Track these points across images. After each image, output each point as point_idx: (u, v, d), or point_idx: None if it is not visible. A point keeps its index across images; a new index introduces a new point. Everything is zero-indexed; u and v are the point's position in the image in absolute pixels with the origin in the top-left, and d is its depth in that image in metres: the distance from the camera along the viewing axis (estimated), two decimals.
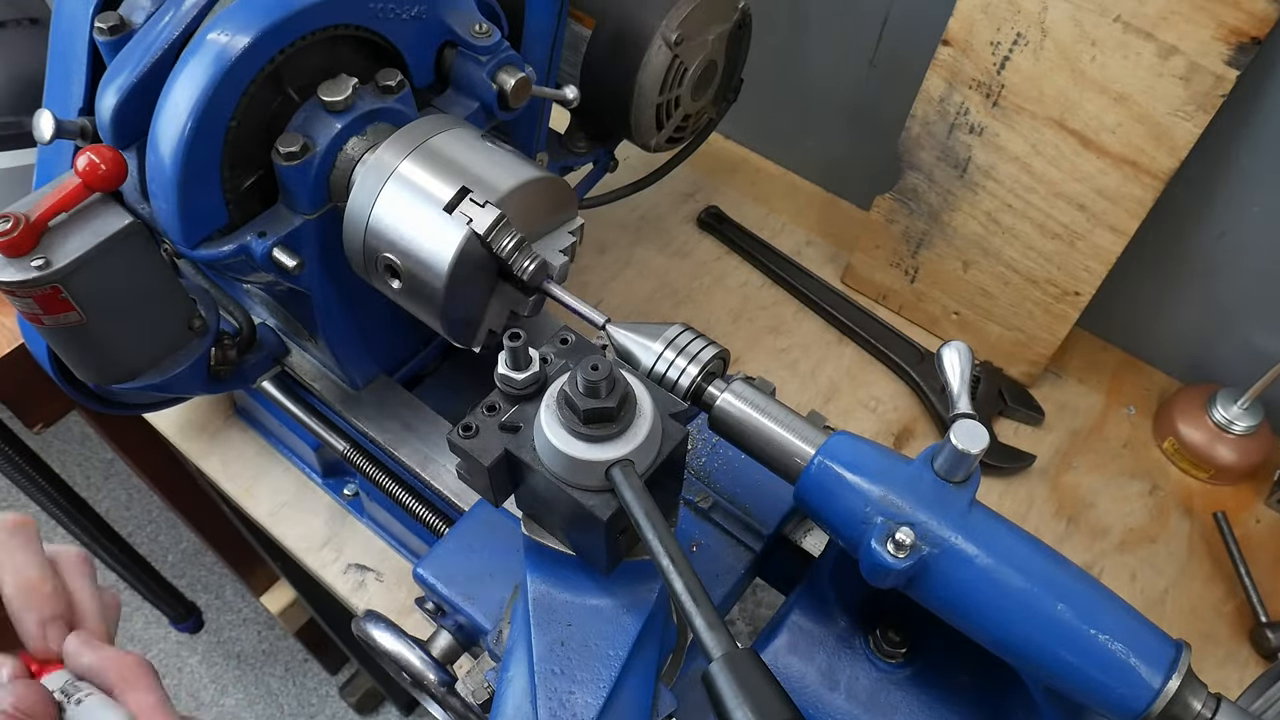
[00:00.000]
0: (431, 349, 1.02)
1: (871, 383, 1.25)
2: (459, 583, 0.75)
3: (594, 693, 0.60)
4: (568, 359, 0.61)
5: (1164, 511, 1.15)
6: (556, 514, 0.61)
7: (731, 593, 0.78)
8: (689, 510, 0.80)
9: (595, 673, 0.60)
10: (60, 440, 2.73)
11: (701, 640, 0.49)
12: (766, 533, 0.78)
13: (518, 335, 0.58)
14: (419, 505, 0.94)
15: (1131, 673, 0.56)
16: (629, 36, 0.97)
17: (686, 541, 0.78)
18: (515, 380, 0.59)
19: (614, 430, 0.55)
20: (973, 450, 0.58)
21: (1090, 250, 1.10)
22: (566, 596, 0.63)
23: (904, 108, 1.15)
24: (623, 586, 0.64)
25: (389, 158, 0.71)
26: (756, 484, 0.80)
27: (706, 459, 0.82)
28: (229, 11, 0.68)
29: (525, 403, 0.60)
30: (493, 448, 0.58)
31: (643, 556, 0.63)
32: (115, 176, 0.70)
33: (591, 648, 0.61)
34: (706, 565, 0.77)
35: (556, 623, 0.62)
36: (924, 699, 0.73)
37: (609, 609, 0.63)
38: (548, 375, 0.60)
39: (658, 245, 1.37)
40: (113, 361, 0.78)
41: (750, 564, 0.78)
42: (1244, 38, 0.91)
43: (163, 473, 1.58)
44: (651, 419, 0.56)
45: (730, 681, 0.47)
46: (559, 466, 0.56)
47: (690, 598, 0.50)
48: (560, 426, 0.56)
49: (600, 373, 0.53)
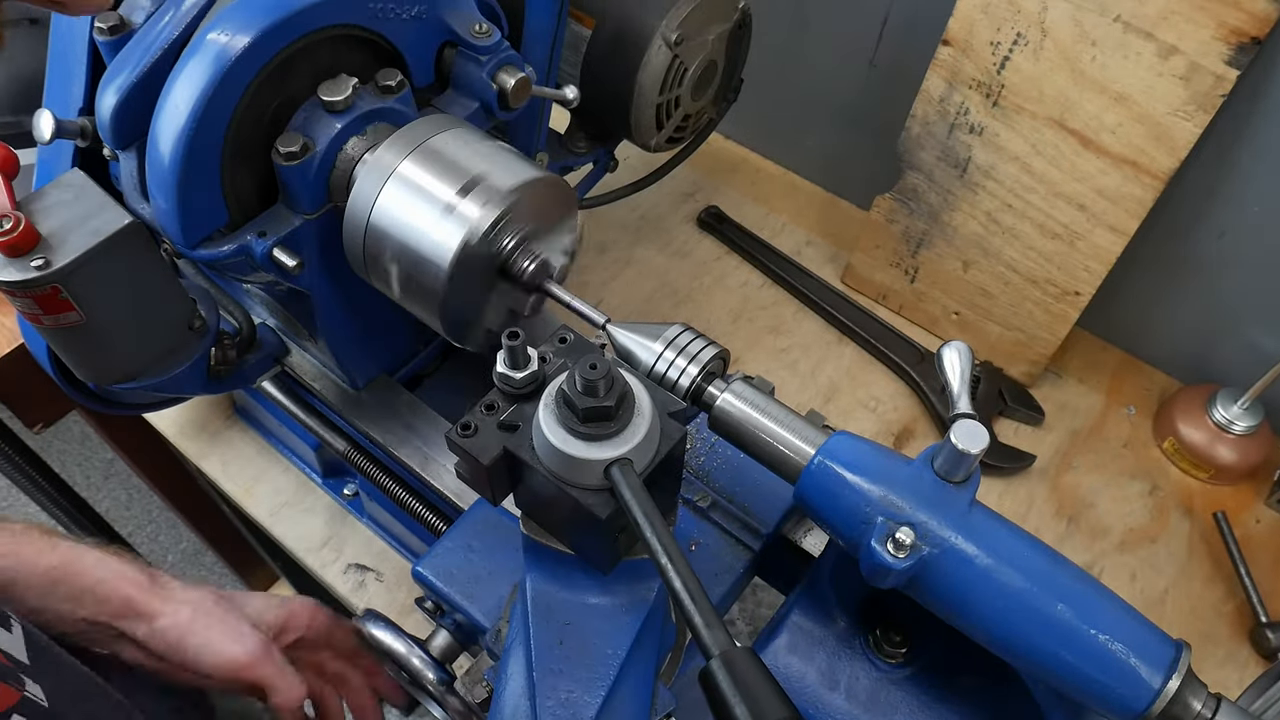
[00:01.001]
0: (431, 349, 1.02)
1: (871, 383, 1.25)
2: (458, 581, 0.75)
3: (592, 691, 0.59)
4: (566, 358, 0.61)
5: (1164, 511, 1.15)
6: (555, 513, 0.61)
7: (730, 592, 0.78)
8: (688, 509, 0.80)
9: (594, 671, 0.60)
10: (60, 440, 2.73)
11: (700, 638, 0.49)
12: (765, 532, 0.78)
13: (516, 334, 0.58)
14: (419, 505, 0.94)
15: (1132, 673, 0.56)
16: (629, 36, 0.97)
17: (685, 540, 0.78)
18: (514, 379, 0.59)
19: (612, 429, 0.55)
20: (973, 450, 0.58)
21: (1090, 250, 1.10)
22: (565, 595, 0.63)
23: (904, 108, 1.15)
24: (621, 585, 0.64)
25: (389, 158, 0.71)
26: (755, 483, 0.80)
27: (705, 458, 0.82)
28: (228, 11, 0.68)
29: (524, 402, 0.60)
30: (491, 446, 0.58)
31: (641, 555, 0.63)
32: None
33: (590, 646, 0.61)
34: (705, 564, 0.77)
35: (555, 621, 0.62)
36: (924, 699, 0.73)
37: (608, 608, 0.63)
38: (546, 374, 0.60)
39: (658, 245, 1.37)
40: (113, 361, 0.78)
41: (749, 563, 0.78)
42: (1244, 38, 0.91)
43: (163, 473, 1.58)
44: (650, 418, 0.56)
45: (728, 680, 0.46)
46: (557, 465, 0.56)
47: (689, 596, 0.50)
48: (559, 425, 0.56)
49: (598, 372, 0.53)
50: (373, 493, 1.01)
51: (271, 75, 0.69)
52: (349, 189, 0.73)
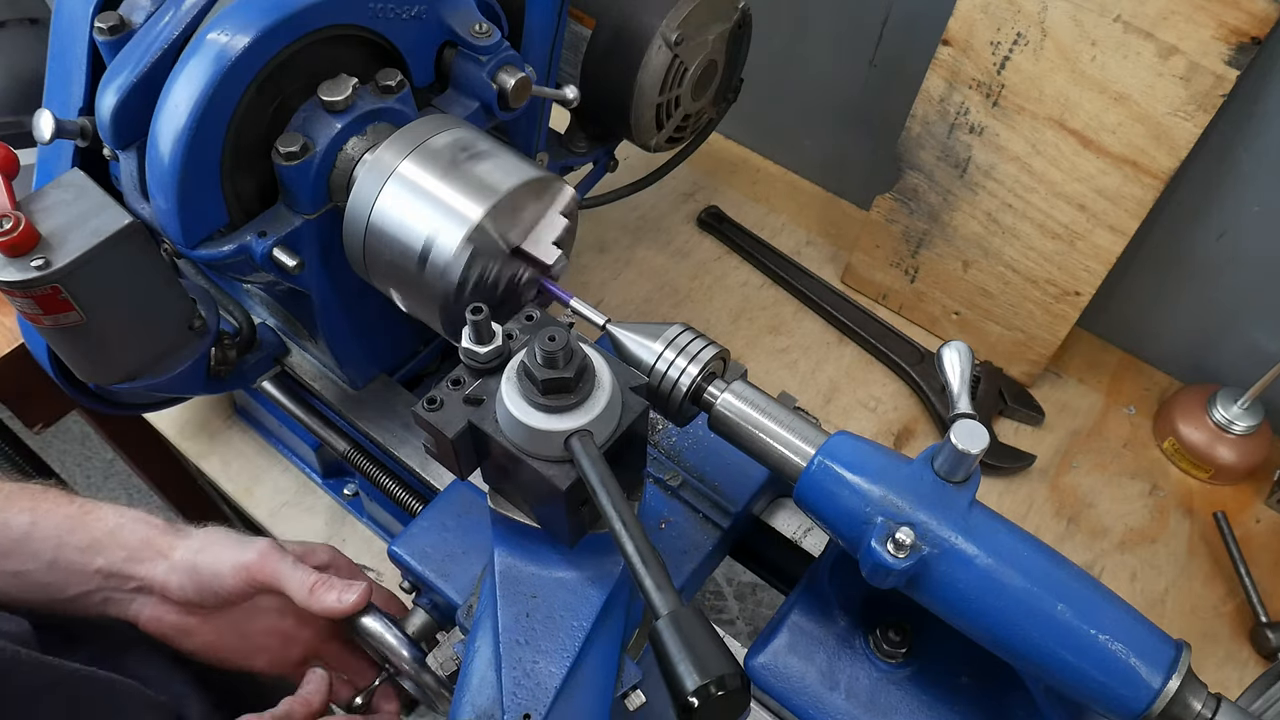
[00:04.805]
0: (431, 349, 1.02)
1: (871, 383, 1.25)
2: (433, 560, 0.76)
3: (558, 662, 0.61)
4: (531, 334, 0.62)
5: (1164, 511, 1.15)
6: (519, 486, 0.62)
7: (700, 568, 0.79)
8: (658, 488, 0.80)
9: (559, 643, 0.62)
10: (60, 440, 2.73)
11: (649, 599, 0.50)
12: (735, 510, 0.79)
13: (480, 309, 0.58)
14: (419, 505, 0.94)
15: (1132, 673, 0.56)
16: (629, 36, 0.97)
17: (655, 518, 0.79)
18: (478, 354, 0.60)
19: (572, 401, 0.56)
20: (973, 450, 0.58)
21: (1090, 250, 1.10)
22: (532, 569, 0.64)
23: (904, 108, 1.15)
24: (588, 559, 0.65)
25: (389, 158, 0.71)
26: (725, 463, 0.81)
27: (677, 438, 0.83)
28: (229, 11, 0.68)
29: (489, 376, 0.61)
30: (456, 420, 0.59)
31: (607, 530, 0.64)
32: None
33: (556, 619, 0.63)
34: (675, 542, 0.78)
35: (522, 595, 0.63)
36: (924, 699, 0.73)
37: (574, 581, 0.64)
38: (511, 350, 0.61)
39: (658, 245, 1.37)
40: (113, 361, 0.78)
41: (719, 541, 0.79)
42: (1244, 38, 0.91)
43: (163, 473, 1.58)
44: (610, 390, 0.57)
45: (674, 637, 0.47)
46: (519, 437, 0.57)
47: (640, 559, 0.51)
48: (520, 398, 0.57)
49: (557, 344, 0.54)
50: (373, 493, 1.01)
51: (271, 75, 0.69)
52: (349, 189, 0.73)
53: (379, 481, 0.96)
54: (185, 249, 0.72)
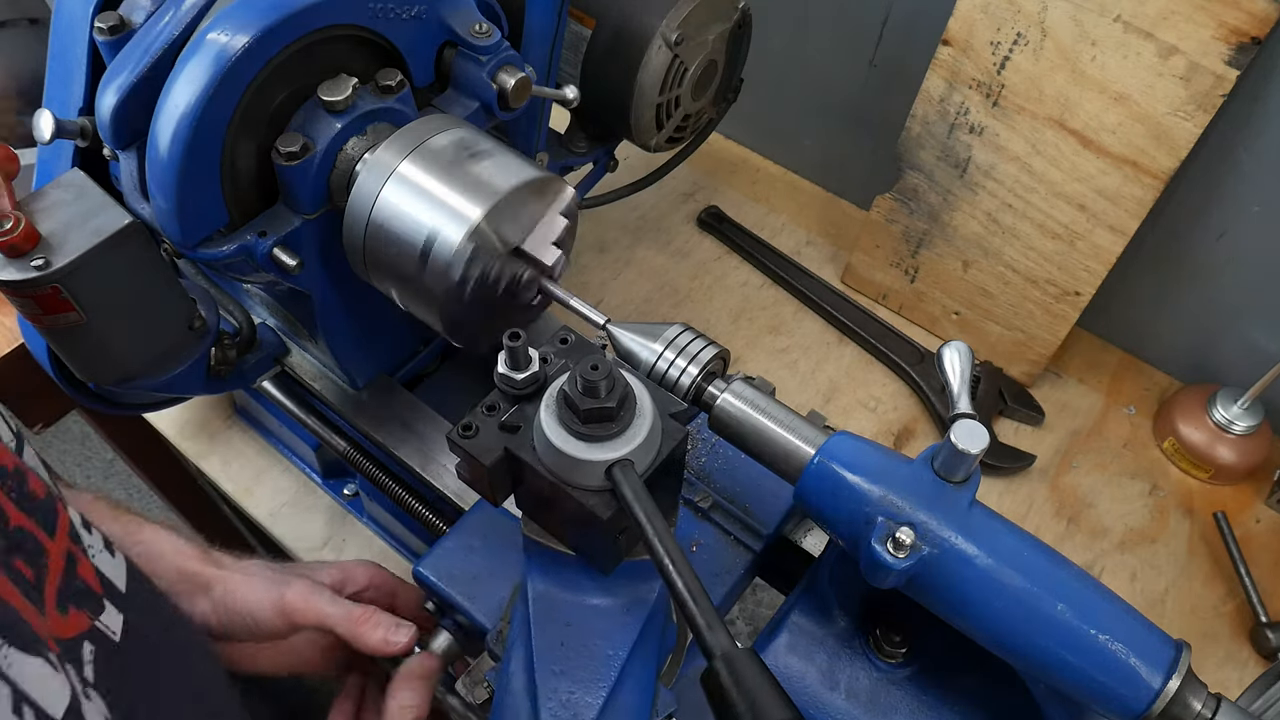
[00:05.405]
0: (431, 349, 1.02)
1: (871, 383, 1.25)
2: (459, 581, 0.74)
3: (594, 692, 0.59)
4: (567, 359, 0.61)
5: (1164, 511, 1.15)
6: (557, 514, 0.61)
7: (731, 592, 0.78)
8: (689, 510, 0.80)
9: (595, 672, 0.60)
10: (60, 440, 2.73)
11: (702, 639, 0.49)
12: (766, 533, 0.78)
13: (517, 335, 0.57)
14: (419, 505, 0.94)
15: (1132, 673, 0.56)
16: (629, 36, 0.97)
17: (686, 541, 0.78)
18: (514, 380, 0.59)
19: (614, 430, 0.55)
20: (973, 450, 0.58)
21: (1090, 250, 1.10)
22: (566, 596, 0.63)
23: (904, 108, 1.15)
24: (623, 586, 0.64)
25: (389, 158, 0.71)
26: (756, 484, 0.80)
27: (706, 459, 0.82)
28: (228, 11, 0.67)
29: (525, 402, 0.60)
30: (493, 447, 0.58)
31: (642, 556, 0.63)
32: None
33: (591, 647, 0.61)
34: (706, 565, 0.77)
35: (556, 622, 0.62)
36: (924, 699, 0.73)
37: (609, 609, 0.63)
38: (547, 375, 0.60)
39: (658, 245, 1.37)
40: (113, 361, 0.78)
41: (750, 564, 0.78)
42: (1244, 38, 0.91)
43: (163, 473, 1.58)
44: (651, 419, 0.56)
45: (731, 680, 0.47)
46: (559, 466, 0.56)
47: (690, 597, 0.50)
48: (560, 426, 0.55)
49: (600, 372, 0.53)
50: (373, 493, 1.01)
51: (271, 75, 0.69)
52: (349, 189, 0.73)
53: (379, 481, 0.96)
54: (185, 249, 0.72)
